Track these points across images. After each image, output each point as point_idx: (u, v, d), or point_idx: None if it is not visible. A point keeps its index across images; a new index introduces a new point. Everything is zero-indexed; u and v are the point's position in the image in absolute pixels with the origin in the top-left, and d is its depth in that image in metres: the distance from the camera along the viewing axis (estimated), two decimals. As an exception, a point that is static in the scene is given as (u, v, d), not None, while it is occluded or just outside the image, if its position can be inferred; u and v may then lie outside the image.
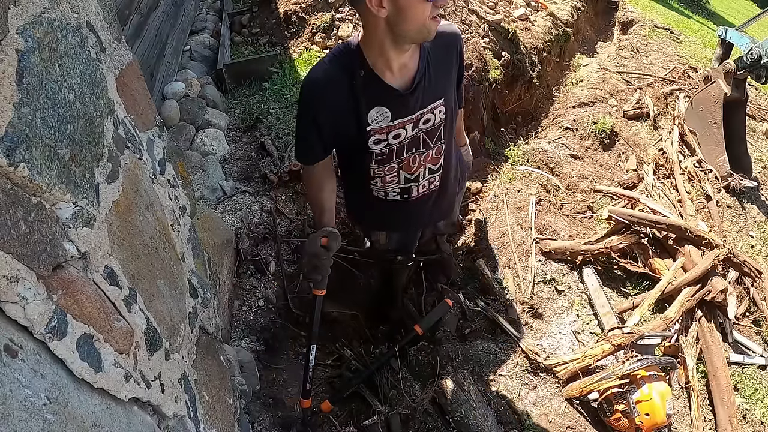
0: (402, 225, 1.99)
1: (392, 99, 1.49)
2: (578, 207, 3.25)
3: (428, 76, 1.52)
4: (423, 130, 1.61)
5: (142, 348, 0.88)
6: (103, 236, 0.78)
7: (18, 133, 0.58)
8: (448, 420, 1.98)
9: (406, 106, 1.52)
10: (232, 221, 2.53)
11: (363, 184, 1.75)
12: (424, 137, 1.63)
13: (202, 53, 3.97)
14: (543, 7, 5.25)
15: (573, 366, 2.18)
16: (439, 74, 1.55)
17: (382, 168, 1.67)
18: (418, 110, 1.55)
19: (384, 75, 1.45)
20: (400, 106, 1.52)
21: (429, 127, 1.61)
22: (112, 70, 0.91)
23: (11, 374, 0.54)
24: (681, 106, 4.18)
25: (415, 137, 1.62)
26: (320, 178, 1.68)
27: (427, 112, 1.57)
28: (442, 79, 1.58)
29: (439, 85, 1.56)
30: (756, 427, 2.29)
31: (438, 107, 1.58)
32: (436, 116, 1.60)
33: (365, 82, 1.45)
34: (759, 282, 2.70)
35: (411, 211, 1.85)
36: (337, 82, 1.46)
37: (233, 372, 1.72)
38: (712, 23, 8.41)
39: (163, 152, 1.19)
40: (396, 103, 1.50)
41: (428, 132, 1.62)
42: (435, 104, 1.57)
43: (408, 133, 1.59)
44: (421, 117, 1.57)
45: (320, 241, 1.61)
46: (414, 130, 1.59)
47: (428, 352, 2.26)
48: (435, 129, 1.63)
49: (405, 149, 1.63)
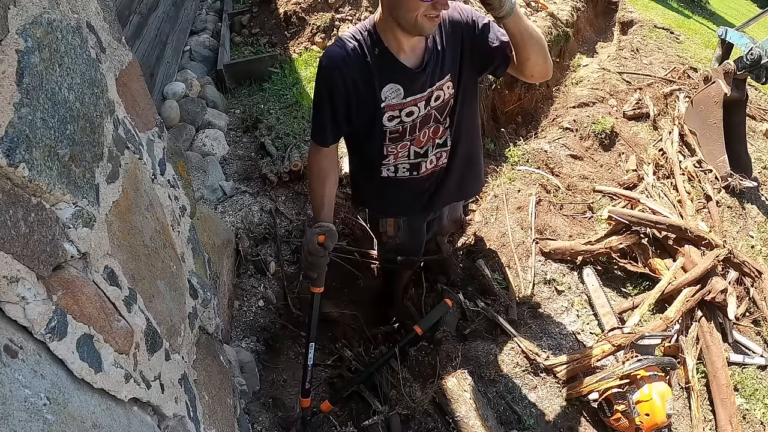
0: (410, 206, 1.99)
1: (405, 77, 1.56)
2: (578, 207, 3.25)
3: (436, 54, 1.57)
4: (434, 107, 1.67)
5: (142, 348, 0.88)
6: (103, 236, 0.78)
7: (18, 133, 0.58)
8: (448, 420, 1.98)
9: (417, 84, 1.58)
10: (232, 221, 2.53)
11: (373, 165, 1.80)
12: (435, 114, 1.69)
13: (202, 53, 3.97)
14: (543, 7, 5.25)
15: (573, 366, 2.18)
16: (446, 52, 1.60)
17: (395, 146, 1.72)
18: (428, 88, 1.61)
19: (398, 54, 1.53)
20: (412, 84, 1.58)
21: (439, 104, 1.67)
22: (112, 71, 0.91)
23: (11, 374, 0.54)
24: (681, 107, 4.17)
25: (427, 117, 1.68)
26: (325, 168, 1.71)
27: (436, 89, 1.63)
28: (451, 57, 1.61)
29: (447, 61, 1.61)
30: (756, 427, 2.29)
31: (446, 83, 1.63)
32: (445, 92, 1.65)
33: (379, 60, 1.52)
34: (759, 282, 2.70)
35: (419, 189, 1.89)
36: (353, 60, 1.52)
37: (233, 372, 1.72)
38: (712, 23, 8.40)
39: (163, 152, 1.19)
40: (408, 81, 1.57)
41: (439, 108, 1.68)
42: (443, 81, 1.62)
43: (421, 111, 1.65)
44: (432, 94, 1.63)
45: (317, 239, 1.63)
46: (426, 108, 1.65)
47: (428, 353, 2.25)
48: (445, 104, 1.69)
49: (418, 127, 1.69)
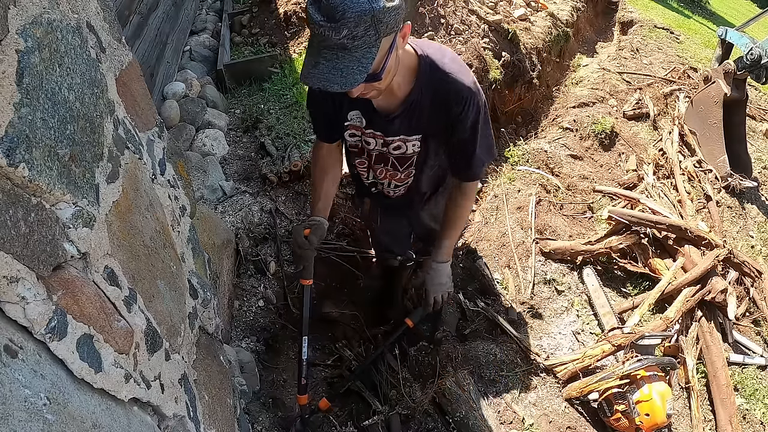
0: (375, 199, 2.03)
1: (370, 114, 1.51)
2: (578, 207, 3.25)
3: (412, 111, 1.47)
4: (393, 154, 1.61)
5: (142, 348, 0.88)
6: (103, 236, 0.78)
7: (18, 133, 0.58)
8: (448, 420, 1.98)
9: (380, 125, 1.53)
10: (232, 221, 2.53)
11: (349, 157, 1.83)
12: (393, 161, 1.64)
13: (202, 53, 3.97)
14: (543, 7, 5.25)
15: (573, 366, 2.18)
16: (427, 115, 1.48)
17: (354, 159, 1.73)
18: (390, 135, 1.55)
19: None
20: (376, 122, 1.53)
21: (399, 154, 1.61)
22: (112, 71, 0.91)
23: (11, 374, 0.54)
24: (681, 107, 4.18)
25: (383, 155, 1.63)
26: (324, 161, 1.72)
27: (398, 140, 1.56)
28: (429, 120, 1.51)
29: (422, 125, 1.52)
30: (756, 427, 2.29)
31: (413, 141, 1.56)
32: (408, 148, 1.58)
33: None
34: (759, 282, 2.70)
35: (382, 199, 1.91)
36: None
37: (233, 372, 1.72)
38: (712, 23, 8.41)
39: (163, 152, 1.19)
40: (372, 118, 1.52)
41: (398, 158, 1.62)
42: (411, 137, 1.55)
43: (376, 145, 1.60)
44: (393, 142, 1.56)
45: (303, 232, 1.66)
46: (384, 148, 1.60)
47: (428, 353, 2.25)
48: (406, 158, 1.62)
49: (374, 159, 1.66)
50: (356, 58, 1.12)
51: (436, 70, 1.40)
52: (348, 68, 1.12)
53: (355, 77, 1.13)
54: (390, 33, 1.14)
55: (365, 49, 1.12)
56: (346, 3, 1.05)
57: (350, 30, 1.07)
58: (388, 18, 1.10)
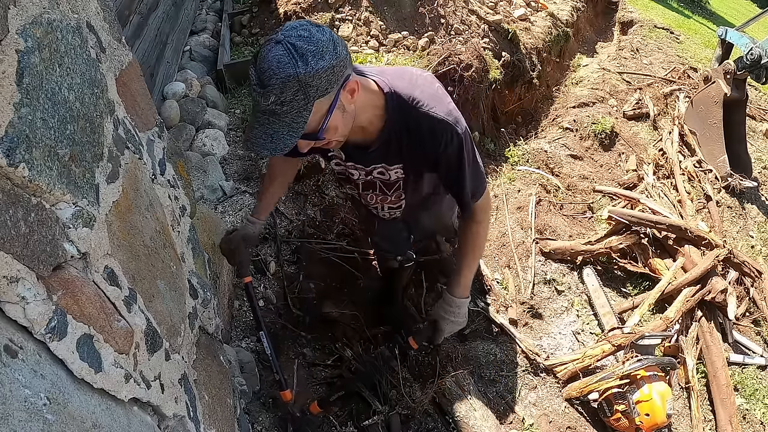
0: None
1: (347, 149, 1.45)
2: (578, 207, 3.25)
3: (387, 146, 1.42)
4: (379, 179, 1.57)
5: (142, 348, 0.88)
6: (103, 236, 0.78)
7: (18, 133, 0.58)
8: (448, 420, 1.98)
9: (357, 158, 1.49)
10: (232, 221, 2.53)
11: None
12: (380, 185, 1.60)
13: (202, 53, 3.97)
14: (543, 7, 5.25)
15: (573, 366, 2.18)
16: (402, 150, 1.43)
17: (344, 185, 1.73)
18: (369, 165, 1.51)
19: None
20: (353, 156, 1.49)
21: (385, 179, 1.56)
22: (112, 71, 0.91)
23: (11, 374, 0.54)
24: (681, 107, 4.18)
25: (370, 182, 1.59)
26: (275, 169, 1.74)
27: (380, 167, 1.51)
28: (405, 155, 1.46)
29: (399, 155, 1.46)
30: (756, 427, 2.29)
31: (395, 169, 1.51)
32: (391, 175, 1.53)
33: None
34: (759, 282, 2.70)
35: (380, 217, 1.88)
36: None
37: (233, 372, 1.72)
38: (712, 23, 8.41)
39: (163, 152, 1.19)
40: (349, 152, 1.48)
41: (385, 183, 1.58)
42: (392, 167, 1.50)
43: (361, 176, 1.57)
44: (375, 169, 1.52)
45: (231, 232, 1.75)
46: (368, 176, 1.56)
47: (428, 353, 2.26)
48: (391, 183, 1.58)
49: (361, 187, 1.63)
50: (286, 123, 1.09)
51: (406, 107, 1.33)
52: (278, 134, 1.09)
53: (285, 142, 1.10)
54: (323, 95, 1.09)
55: (294, 114, 1.08)
56: (272, 68, 1.03)
57: (277, 96, 1.05)
58: (318, 81, 1.06)
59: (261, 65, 1.04)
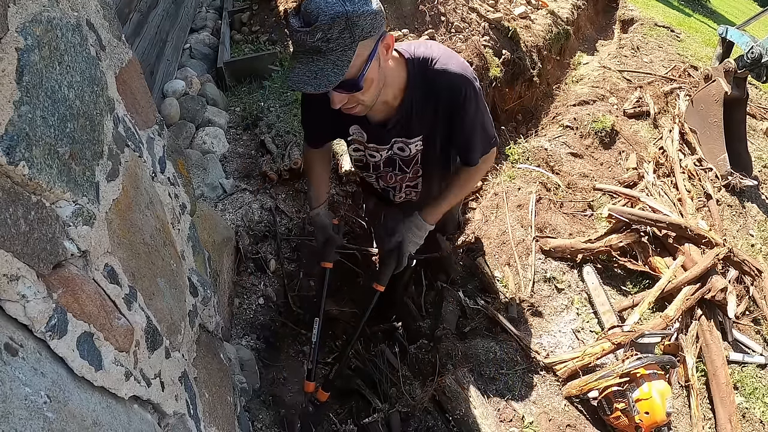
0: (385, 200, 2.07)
1: (368, 127, 1.54)
2: (578, 205, 3.25)
3: (408, 116, 1.50)
4: (398, 156, 1.65)
5: (142, 346, 0.88)
6: (103, 234, 0.78)
7: (18, 131, 0.58)
8: (448, 418, 1.98)
9: (380, 136, 1.57)
10: (232, 219, 2.53)
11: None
12: (399, 162, 1.68)
13: (202, 51, 3.96)
14: (543, 5, 5.24)
15: (573, 364, 2.18)
16: (422, 116, 1.51)
17: (361, 172, 1.78)
18: (391, 141, 1.58)
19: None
20: (375, 135, 1.57)
21: (405, 156, 1.64)
22: (112, 69, 0.91)
23: (11, 372, 0.54)
24: (681, 105, 4.17)
25: (389, 159, 1.67)
26: (314, 162, 1.80)
27: (401, 142, 1.59)
28: (426, 121, 1.53)
29: (420, 125, 1.54)
30: (755, 425, 2.29)
31: (415, 142, 1.60)
32: (411, 149, 1.62)
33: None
34: (759, 281, 2.70)
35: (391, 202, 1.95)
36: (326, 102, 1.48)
37: (233, 370, 1.72)
38: (713, 22, 8.40)
39: (163, 150, 1.19)
40: (371, 131, 1.55)
41: (404, 160, 1.66)
42: (411, 139, 1.58)
43: (382, 156, 1.65)
44: (395, 144, 1.60)
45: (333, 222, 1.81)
46: (388, 153, 1.64)
47: (428, 350, 2.26)
48: (411, 158, 1.66)
49: (381, 166, 1.70)
50: (331, 60, 1.13)
51: (426, 69, 1.41)
52: (322, 71, 1.14)
53: (329, 79, 1.14)
54: (366, 37, 1.15)
55: (340, 52, 1.13)
56: (320, 6, 1.08)
57: (324, 33, 1.09)
58: (364, 22, 1.12)
59: (308, 6, 1.09)
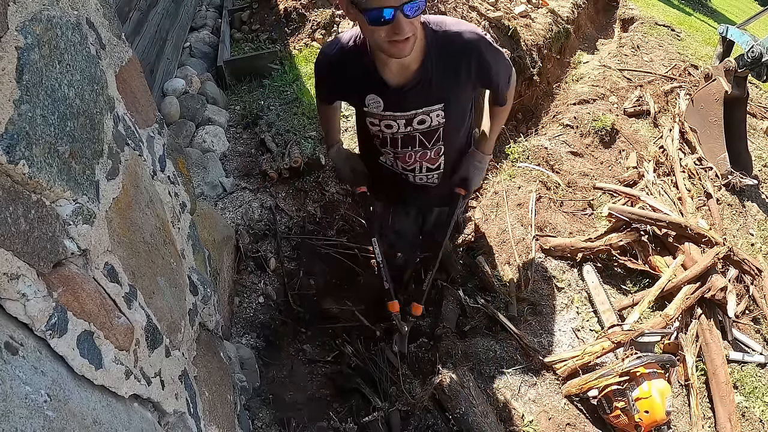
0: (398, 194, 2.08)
1: (385, 92, 1.56)
2: (578, 204, 3.25)
3: (428, 81, 1.53)
4: (419, 130, 1.64)
5: (142, 345, 0.89)
6: (104, 233, 0.78)
7: (18, 130, 0.58)
8: (448, 417, 1.98)
9: (398, 103, 1.58)
10: (232, 218, 2.53)
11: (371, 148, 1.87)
12: (420, 137, 1.67)
13: (202, 50, 3.95)
14: (543, 4, 5.24)
15: (573, 363, 2.18)
16: (441, 80, 1.54)
17: (379, 149, 1.78)
18: (411, 110, 1.59)
19: (383, 70, 1.51)
20: (393, 101, 1.57)
21: (425, 128, 1.64)
22: (112, 67, 0.91)
23: (12, 371, 0.54)
24: (681, 104, 4.17)
25: (410, 135, 1.66)
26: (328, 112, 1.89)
27: (422, 113, 1.60)
28: (446, 85, 1.57)
29: (441, 90, 1.57)
30: (755, 424, 2.29)
31: (436, 111, 1.60)
32: (432, 119, 1.62)
33: (366, 71, 1.53)
34: (759, 280, 2.70)
35: (408, 187, 1.95)
36: (344, 63, 1.56)
37: (233, 369, 1.72)
38: (713, 21, 8.39)
39: (163, 149, 1.19)
40: (388, 97, 1.57)
41: (425, 133, 1.66)
42: (432, 107, 1.59)
43: (400, 128, 1.64)
44: (415, 116, 1.60)
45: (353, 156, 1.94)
46: (407, 127, 1.63)
47: (428, 349, 2.26)
48: (432, 131, 1.66)
49: (399, 144, 1.69)
50: None
51: (439, 29, 1.49)
52: None
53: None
54: None
55: None
56: None
57: None
58: None
59: None
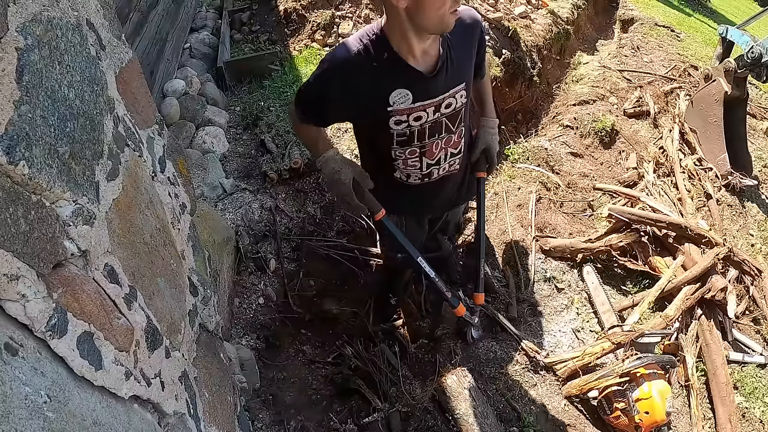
0: (417, 206, 2.01)
1: (415, 81, 1.52)
2: (578, 205, 3.25)
3: (450, 61, 1.55)
4: (445, 114, 1.63)
5: (142, 346, 0.88)
6: (104, 234, 0.78)
7: (18, 131, 0.58)
8: (448, 418, 1.98)
9: (428, 90, 1.55)
10: (232, 219, 2.53)
11: (384, 165, 1.78)
12: (446, 122, 1.66)
13: (202, 51, 3.96)
14: (543, 4, 5.24)
15: (573, 364, 2.18)
16: (460, 59, 1.59)
17: (404, 150, 1.69)
18: (440, 94, 1.58)
19: (408, 58, 1.49)
20: (423, 89, 1.55)
21: (451, 112, 1.64)
22: (112, 68, 0.91)
23: (11, 372, 0.54)
24: (681, 105, 4.17)
25: (437, 122, 1.64)
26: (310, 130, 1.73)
27: (449, 96, 1.60)
28: (464, 63, 1.62)
29: (461, 69, 1.60)
30: (755, 425, 2.29)
31: (460, 91, 1.61)
32: (457, 101, 1.63)
33: (388, 64, 1.49)
34: (759, 280, 2.70)
35: (429, 192, 1.89)
36: (360, 65, 1.50)
37: (233, 369, 1.72)
38: (713, 21, 8.38)
39: (164, 150, 1.19)
40: (418, 86, 1.54)
41: (450, 116, 1.65)
42: (457, 88, 1.60)
43: (429, 117, 1.61)
44: (443, 101, 1.60)
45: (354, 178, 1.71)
46: (436, 114, 1.61)
47: (428, 350, 2.26)
48: (456, 113, 1.66)
49: (427, 133, 1.65)
50: None
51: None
52: None
53: None
54: None
55: None
56: None
57: None
58: None
59: None
